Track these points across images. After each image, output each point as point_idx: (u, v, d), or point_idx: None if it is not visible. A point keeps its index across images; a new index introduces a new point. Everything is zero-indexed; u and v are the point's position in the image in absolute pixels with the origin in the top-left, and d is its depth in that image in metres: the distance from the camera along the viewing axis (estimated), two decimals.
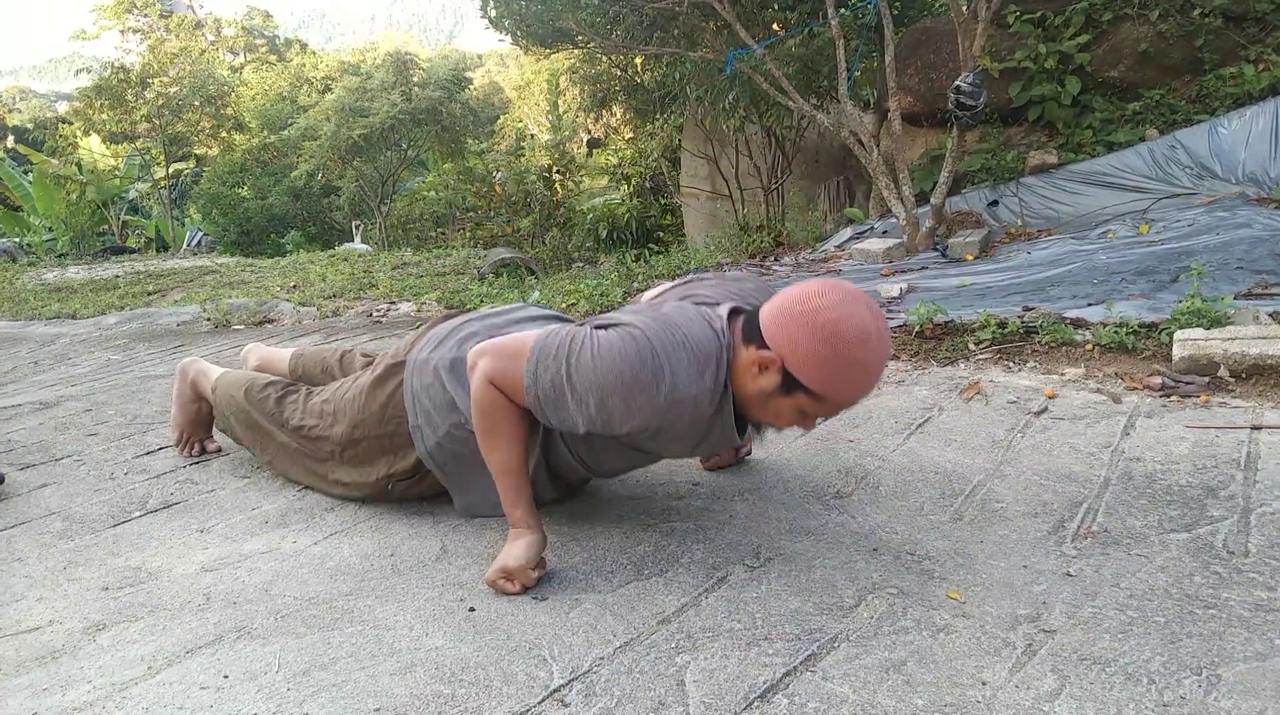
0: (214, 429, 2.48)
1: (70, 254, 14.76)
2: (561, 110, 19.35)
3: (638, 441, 1.64)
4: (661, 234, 12.09)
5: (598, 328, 1.61)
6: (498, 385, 1.61)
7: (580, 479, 1.93)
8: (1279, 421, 2.14)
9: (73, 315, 6.10)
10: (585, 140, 20.28)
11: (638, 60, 9.82)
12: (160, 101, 17.00)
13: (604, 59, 10.42)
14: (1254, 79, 5.40)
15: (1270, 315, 2.79)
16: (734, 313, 1.63)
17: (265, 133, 18.55)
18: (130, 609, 1.62)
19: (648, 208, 12.57)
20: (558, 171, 13.44)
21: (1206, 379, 2.46)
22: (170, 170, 18.62)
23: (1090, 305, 3.23)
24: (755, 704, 1.24)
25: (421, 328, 2.03)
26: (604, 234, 12.40)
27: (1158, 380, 2.49)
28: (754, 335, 1.53)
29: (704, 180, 9.51)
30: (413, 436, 1.88)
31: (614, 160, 13.81)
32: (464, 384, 1.81)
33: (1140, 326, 2.83)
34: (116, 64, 17.13)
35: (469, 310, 2.07)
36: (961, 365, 2.86)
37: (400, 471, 1.93)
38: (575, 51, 9.80)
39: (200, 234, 18.42)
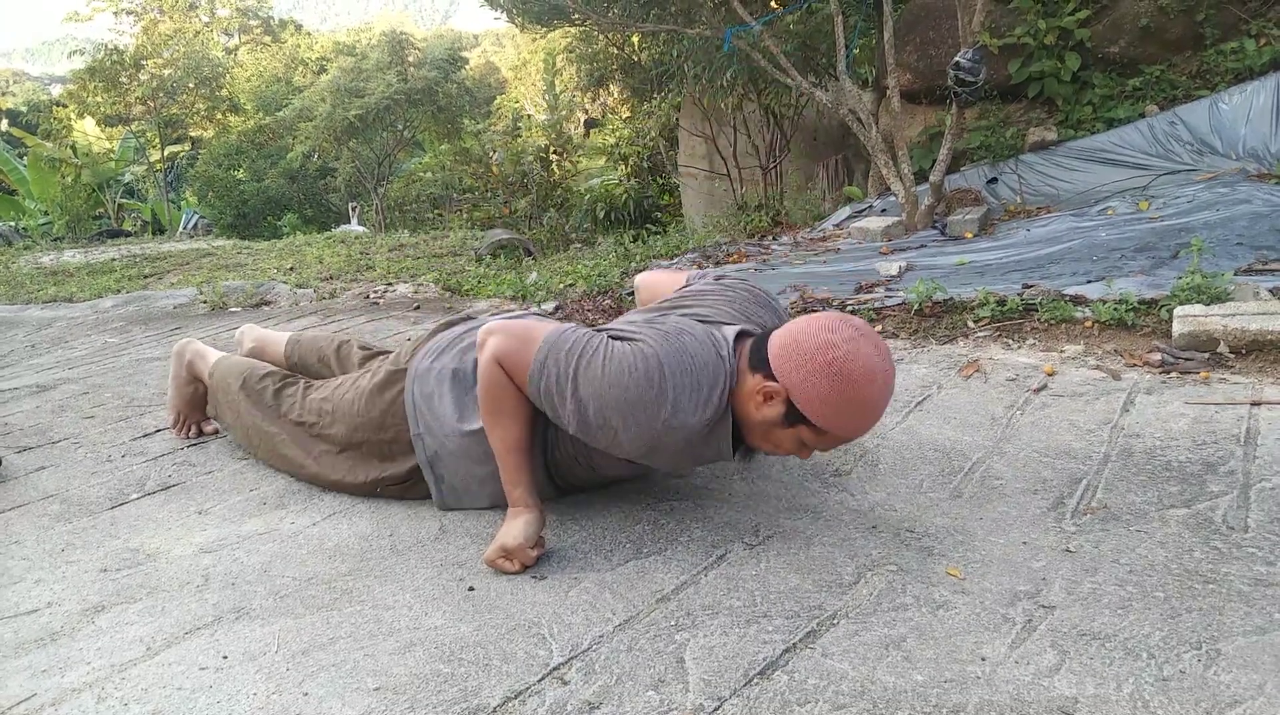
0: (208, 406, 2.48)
1: (66, 237, 14.68)
2: (558, 90, 19.25)
3: (629, 454, 1.64)
4: (659, 214, 12.05)
5: (612, 337, 1.61)
6: (504, 366, 1.61)
7: (577, 484, 1.92)
8: (1278, 397, 2.14)
9: (69, 298, 6.07)
10: (582, 120, 20.18)
11: (635, 38, 9.75)
12: (154, 83, 16.86)
13: (601, 37, 10.35)
14: (1255, 54, 5.36)
15: (1270, 291, 2.78)
16: (741, 336, 1.63)
17: (260, 114, 18.44)
18: (129, 590, 1.62)
19: (645, 188, 12.52)
20: (555, 152, 13.37)
21: (1206, 355, 2.45)
22: (165, 153, 18.50)
23: (1090, 282, 3.22)
24: (755, 680, 1.24)
25: (423, 335, 2.03)
26: (601, 214, 12.35)
27: (1157, 357, 2.48)
28: (761, 364, 1.54)
29: (702, 159, 9.46)
30: (414, 444, 1.87)
31: (611, 140, 13.74)
32: (458, 394, 1.83)
33: (1140, 303, 2.82)
34: (110, 46, 16.97)
35: (471, 318, 2.06)
36: (960, 343, 2.86)
37: (392, 477, 1.93)
38: (572, 30, 9.74)
39: (196, 217, 18.34)
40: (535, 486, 1.68)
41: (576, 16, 7.30)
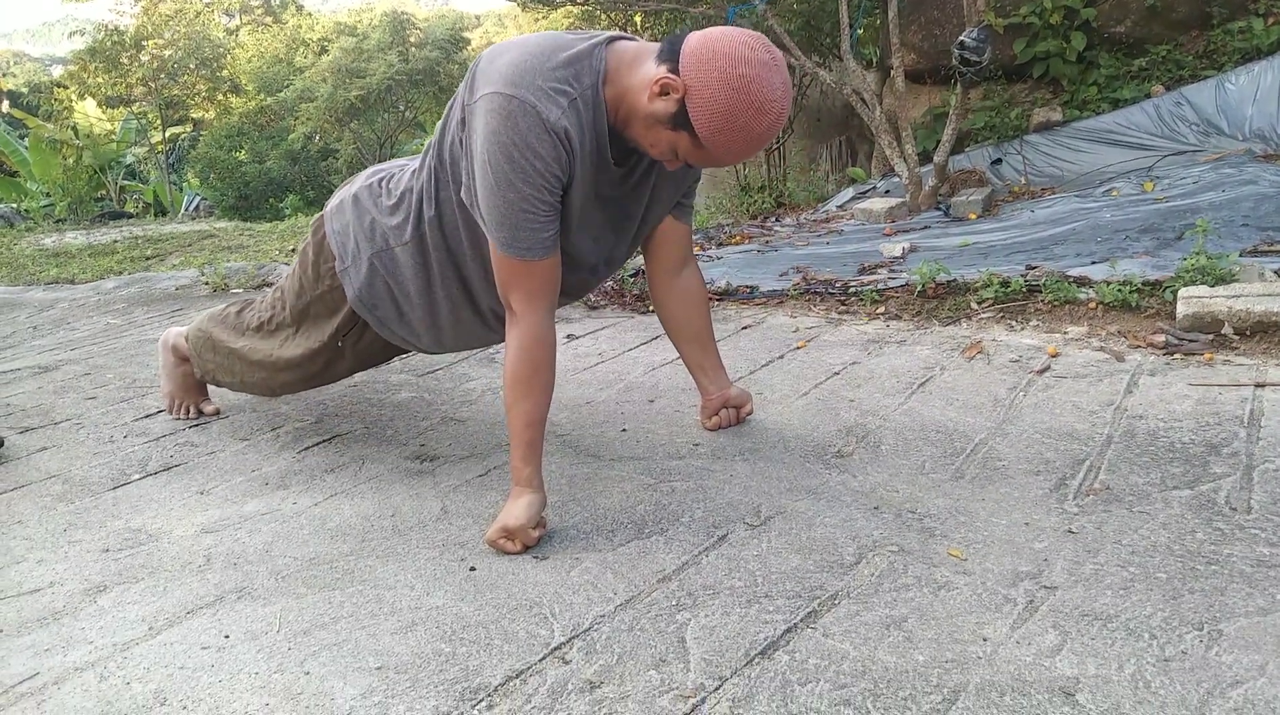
0: (206, 387, 2.49)
1: (68, 219, 14.66)
2: None
3: (552, 184, 1.57)
4: None
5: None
6: (529, 289, 1.62)
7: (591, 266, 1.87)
8: None
9: (71, 280, 6.07)
10: None
11: (637, 17, 9.68)
12: (155, 64, 16.79)
13: (603, 16, 10.27)
14: (1263, 33, 5.31)
15: (1275, 272, 2.77)
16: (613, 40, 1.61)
17: (262, 95, 18.35)
18: (130, 570, 1.62)
19: None
20: None
21: (1210, 337, 2.44)
22: (167, 134, 18.44)
23: (1094, 263, 3.20)
24: (756, 660, 1.24)
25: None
26: None
27: (1161, 338, 2.47)
28: (670, 57, 1.51)
29: None
30: (342, 282, 1.90)
31: None
32: (363, 211, 1.85)
33: (1144, 284, 2.80)
34: (110, 26, 16.89)
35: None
36: (964, 324, 2.85)
37: (343, 324, 1.96)
38: (574, 9, 9.67)
39: (198, 198, 18.30)
40: (540, 466, 1.67)
41: None
